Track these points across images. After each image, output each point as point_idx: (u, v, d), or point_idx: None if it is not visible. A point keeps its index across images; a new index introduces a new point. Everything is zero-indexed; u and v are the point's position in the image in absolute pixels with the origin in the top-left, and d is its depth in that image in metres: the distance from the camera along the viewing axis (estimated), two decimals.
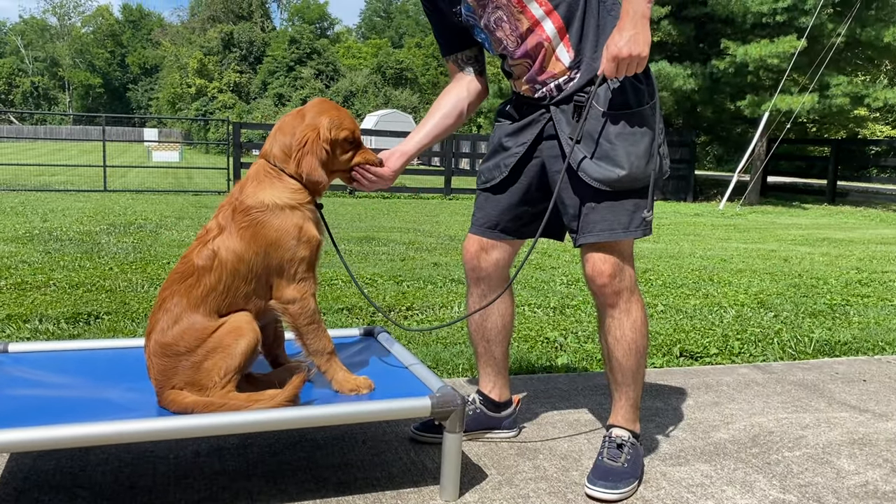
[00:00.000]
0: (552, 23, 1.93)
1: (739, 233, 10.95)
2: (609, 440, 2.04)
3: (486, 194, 2.17)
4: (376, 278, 5.18)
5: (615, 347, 2.02)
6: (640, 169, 1.91)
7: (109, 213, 10.02)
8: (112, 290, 4.42)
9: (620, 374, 2.04)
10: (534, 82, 2.01)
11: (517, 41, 1.99)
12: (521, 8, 1.93)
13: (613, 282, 1.97)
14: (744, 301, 4.81)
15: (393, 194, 16.08)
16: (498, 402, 2.28)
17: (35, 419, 1.62)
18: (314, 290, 1.88)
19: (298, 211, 1.84)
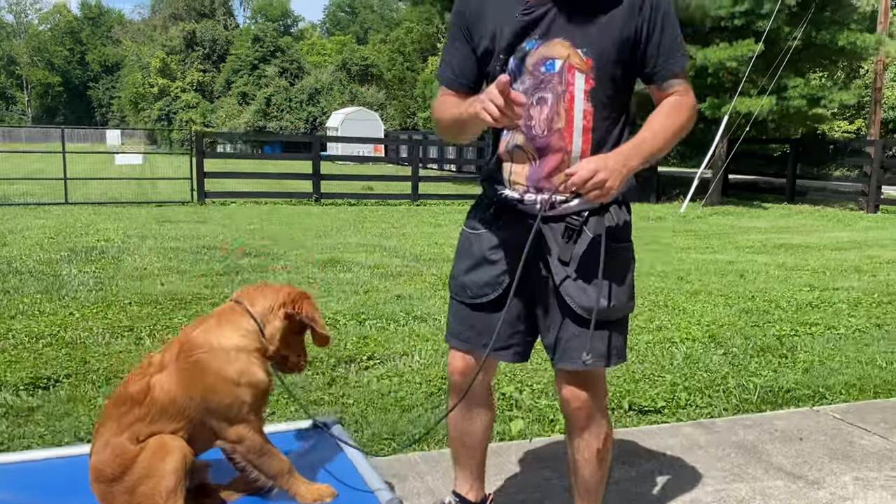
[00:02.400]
0: (582, 141, 1.90)
1: (700, 240, 11.17)
2: None
3: (471, 310, 2.09)
4: (339, 317, 5.24)
5: (584, 466, 2.07)
6: (622, 302, 1.96)
7: (71, 234, 9.92)
8: (72, 344, 4.43)
9: (584, 490, 2.10)
10: (532, 182, 1.95)
11: (545, 130, 1.91)
12: (569, 107, 1.89)
13: (589, 406, 2.01)
14: (696, 335, 4.96)
15: (360, 201, 16.08)
16: (474, 503, 2.32)
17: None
18: (260, 426, 1.92)
19: (244, 354, 1.87)
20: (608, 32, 1.86)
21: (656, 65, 1.91)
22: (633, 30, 1.87)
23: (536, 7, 1.88)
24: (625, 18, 1.86)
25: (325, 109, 38.22)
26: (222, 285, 6.40)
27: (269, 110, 37.63)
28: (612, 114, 1.93)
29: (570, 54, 1.87)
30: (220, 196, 15.53)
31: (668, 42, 1.91)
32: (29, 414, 3.29)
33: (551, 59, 1.88)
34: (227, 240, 9.61)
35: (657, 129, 1.88)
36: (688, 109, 1.93)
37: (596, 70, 1.87)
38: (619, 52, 1.88)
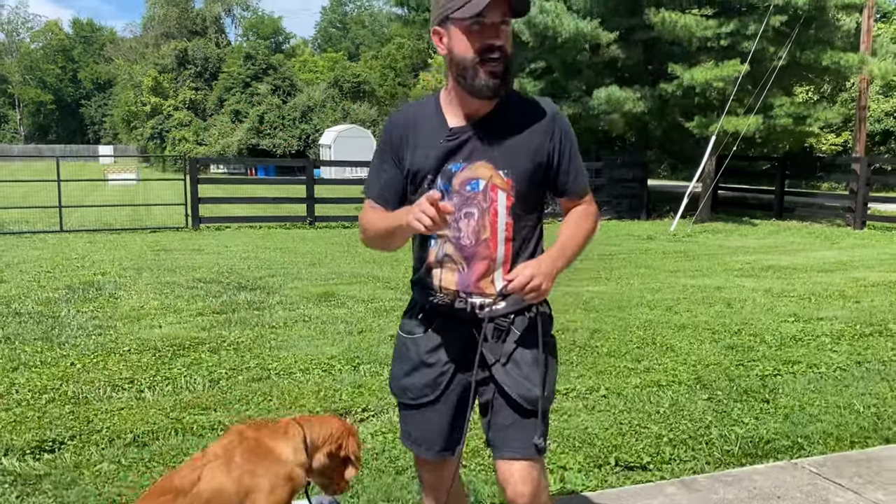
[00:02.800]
0: (504, 249, 2.11)
1: (689, 261, 11.34)
2: None
3: (417, 413, 2.24)
4: (333, 363, 5.37)
5: None
6: (550, 393, 2.15)
7: (67, 267, 10.03)
8: (75, 400, 4.54)
9: None
10: (462, 287, 2.11)
11: (473, 241, 2.10)
12: (493, 219, 2.10)
13: (537, 491, 2.11)
14: (682, 378, 5.10)
15: (353, 224, 16.21)
16: None
17: None
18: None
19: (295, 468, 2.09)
20: (525, 157, 2.11)
21: (567, 182, 2.19)
22: (545, 154, 2.13)
23: (459, 134, 2.10)
24: (539, 145, 2.12)
25: (318, 127, 38.39)
26: (219, 327, 6.51)
27: (261, 128, 37.77)
28: (528, 223, 2.17)
29: (493, 175, 2.09)
30: (214, 221, 15.65)
31: (577, 164, 2.20)
32: (37, 482, 3.41)
33: (475, 179, 2.10)
34: (222, 272, 9.72)
35: (575, 233, 2.15)
36: (594, 216, 2.22)
37: (515, 188, 2.10)
38: (535, 173, 2.13)
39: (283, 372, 5.19)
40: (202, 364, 5.33)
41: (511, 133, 2.11)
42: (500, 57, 2.00)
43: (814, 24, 15.79)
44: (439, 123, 2.13)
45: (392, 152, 2.18)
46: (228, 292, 8.19)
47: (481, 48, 1.99)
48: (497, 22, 1.98)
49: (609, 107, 16.38)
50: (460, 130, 2.10)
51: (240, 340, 6.04)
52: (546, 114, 2.15)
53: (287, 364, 5.36)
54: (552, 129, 2.14)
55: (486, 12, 1.95)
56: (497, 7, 1.95)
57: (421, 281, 2.22)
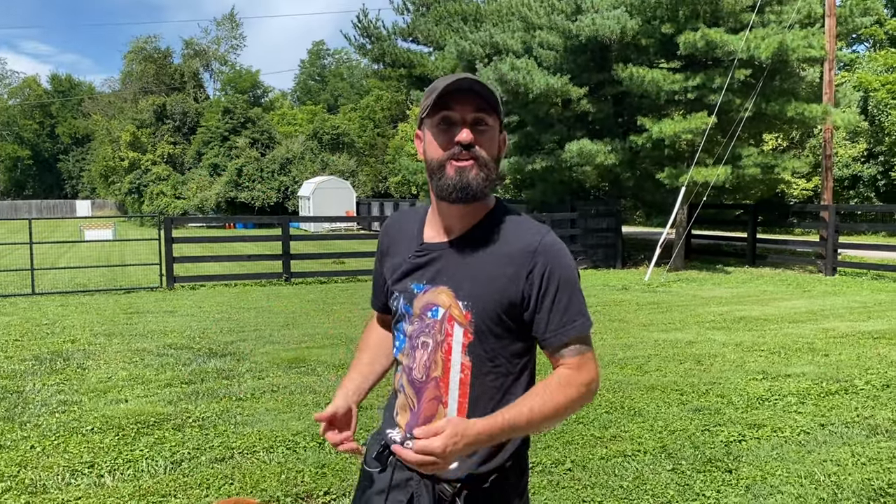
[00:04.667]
0: (458, 394, 1.83)
1: (662, 313, 11.43)
2: None
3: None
4: (298, 439, 5.32)
5: None
6: None
7: (37, 333, 9.92)
8: (32, 489, 4.46)
9: None
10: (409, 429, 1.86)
11: (424, 376, 1.88)
12: (447, 357, 1.84)
13: None
14: (647, 447, 5.11)
15: (330, 279, 16.22)
16: None
17: None
18: None
19: None
20: (490, 292, 1.81)
21: (546, 331, 1.82)
22: (518, 295, 1.81)
23: (429, 251, 1.89)
24: (509, 282, 1.81)
25: (297, 178, 38.54)
26: (186, 399, 6.45)
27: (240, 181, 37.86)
28: (497, 369, 1.84)
29: (451, 305, 1.83)
30: (189, 280, 15.58)
31: (562, 310, 1.80)
32: None
33: (435, 306, 1.85)
34: (194, 336, 9.64)
35: (532, 406, 1.75)
36: (577, 387, 1.79)
37: (475, 325, 1.81)
38: (501, 314, 1.82)
39: (246, 451, 5.14)
40: (165, 444, 5.27)
41: (482, 259, 1.83)
42: (471, 156, 1.79)
43: (777, 76, 16.23)
44: (416, 235, 1.94)
45: (379, 258, 2.05)
46: (198, 360, 8.13)
47: (448, 145, 1.80)
48: (467, 119, 1.79)
49: (581, 159, 16.65)
50: (431, 247, 1.89)
51: (205, 416, 5.98)
52: (527, 242, 1.82)
53: (251, 442, 5.31)
54: (531, 263, 1.80)
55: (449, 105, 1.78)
56: (461, 102, 1.78)
57: (388, 406, 2.04)
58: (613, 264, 18.60)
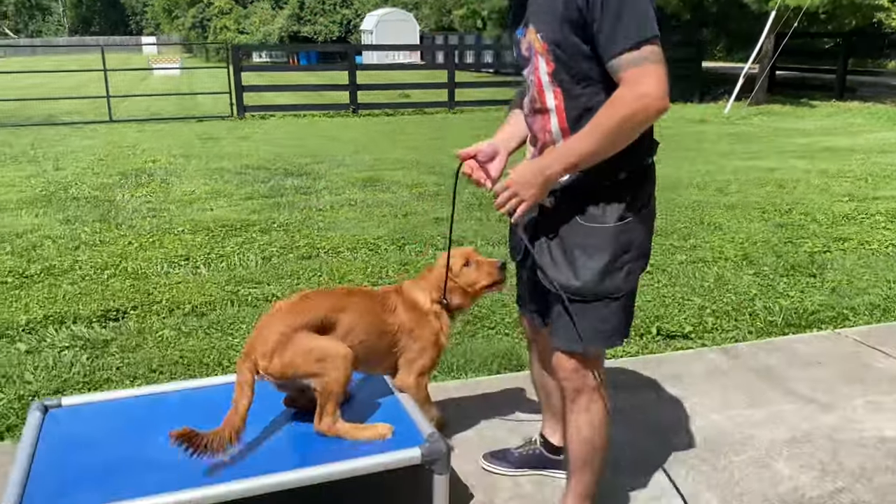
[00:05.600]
0: (557, 121, 1.91)
1: (742, 144, 11.04)
2: None
3: (518, 271, 2.29)
4: (379, 243, 5.47)
5: (571, 438, 2.09)
6: (593, 283, 1.92)
7: (119, 155, 10.24)
8: (135, 275, 4.75)
9: (573, 462, 2.12)
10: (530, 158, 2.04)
11: (529, 111, 2.01)
12: (539, 89, 1.92)
13: (575, 378, 2.02)
14: (729, 255, 5.08)
15: (397, 111, 16.08)
16: (557, 447, 2.44)
17: (98, 490, 1.97)
18: None
19: None
20: (553, 15, 1.81)
21: (598, 46, 1.78)
22: (575, 10, 1.77)
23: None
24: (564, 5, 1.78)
25: (359, 11, 37.40)
26: (268, 210, 6.65)
27: (302, 14, 36.98)
28: (586, 89, 1.85)
29: (534, 38, 1.88)
30: (259, 110, 15.67)
31: (611, 21, 1.73)
32: (104, 346, 3.63)
33: (529, 45, 1.92)
34: (269, 159, 9.82)
35: (587, 130, 1.80)
36: (622, 106, 1.75)
37: (552, 52, 1.85)
38: (567, 35, 1.81)
39: (331, 251, 5.32)
40: (254, 243, 5.49)
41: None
42: None
43: None
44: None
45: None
46: (276, 178, 8.30)
47: None
48: None
49: None
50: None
51: (289, 222, 6.17)
52: None
53: (335, 243, 5.48)
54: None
55: None
56: None
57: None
58: (691, 98, 17.80)
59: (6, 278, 4.68)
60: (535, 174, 1.85)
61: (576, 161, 1.81)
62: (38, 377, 3.25)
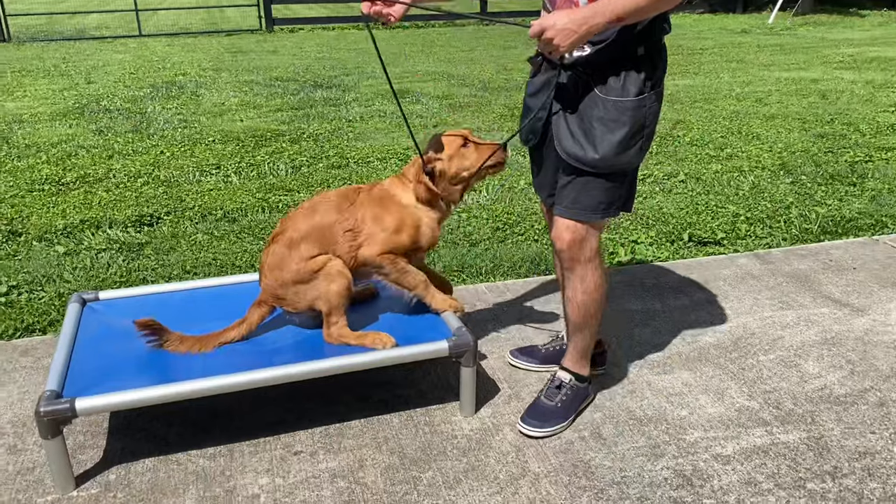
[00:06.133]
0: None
1: (785, 55, 10.63)
2: (551, 380, 2.28)
3: (532, 156, 2.26)
4: (410, 153, 5.43)
5: (567, 305, 2.20)
6: (611, 156, 1.94)
7: (149, 69, 10.21)
8: (167, 183, 4.79)
9: (571, 326, 2.24)
10: None
11: None
12: None
13: (572, 250, 2.07)
14: (766, 163, 4.96)
15: (428, 23, 15.73)
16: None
17: (134, 375, 2.04)
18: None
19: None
20: None
21: None
22: None
23: None
24: None
25: None
26: (298, 121, 6.62)
27: None
28: None
29: None
30: (287, 23, 15.45)
31: None
32: (139, 249, 3.70)
33: None
34: (298, 71, 9.71)
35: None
36: None
37: None
38: None
39: (360, 160, 5.30)
40: (284, 153, 5.48)
41: None
42: None
43: None
44: None
45: None
46: (305, 90, 8.23)
47: None
48: None
49: None
50: None
51: (318, 133, 6.15)
52: None
53: (364, 153, 5.45)
54: None
55: None
56: None
57: None
58: (733, 8, 17.15)
59: (43, 186, 4.76)
60: (576, 23, 1.75)
61: (621, 14, 1.75)
62: (76, 277, 3.33)
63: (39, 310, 3.01)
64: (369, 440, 2.16)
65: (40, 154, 5.52)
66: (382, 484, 1.98)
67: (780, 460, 2.05)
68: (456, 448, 2.13)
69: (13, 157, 5.48)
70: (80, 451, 2.12)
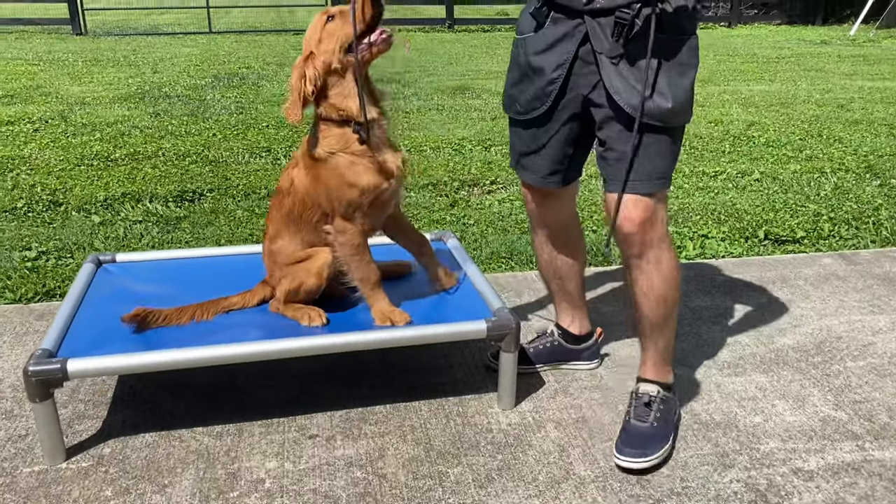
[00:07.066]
0: None
1: (868, 65, 10.04)
2: (636, 397, 1.90)
3: (526, 130, 1.89)
4: (464, 143, 5.20)
5: (643, 301, 1.84)
6: (684, 104, 1.69)
7: (214, 61, 10.26)
8: (215, 162, 4.67)
9: (648, 327, 1.87)
10: None
11: None
12: None
13: (643, 230, 1.74)
14: (850, 166, 4.55)
15: (494, 27, 15.53)
16: (577, 335, 2.19)
17: (138, 340, 1.85)
18: (363, 228, 1.95)
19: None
20: None
21: None
22: None
23: None
24: None
25: None
26: None
27: None
28: None
29: None
30: None
31: None
32: (177, 222, 3.56)
33: None
34: None
35: None
36: None
37: None
38: None
39: (413, 149, 5.10)
40: None
41: None
42: None
43: None
44: None
45: None
46: None
47: None
48: None
49: None
50: None
51: None
52: None
53: (418, 142, 5.25)
54: None
55: None
56: None
57: None
58: (813, 20, 16.42)
59: (92, 161, 4.69)
60: None
61: None
62: (107, 245, 3.20)
63: (63, 275, 2.88)
64: (393, 428, 1.93)
65: (95, 132, 5.49)
66: (403, 477, 1.73)
67: (874, 480, 1.72)
68: (490, 443, 1.87)
69: (69, 133, 5.46)
70: (78, 421, 1.94)
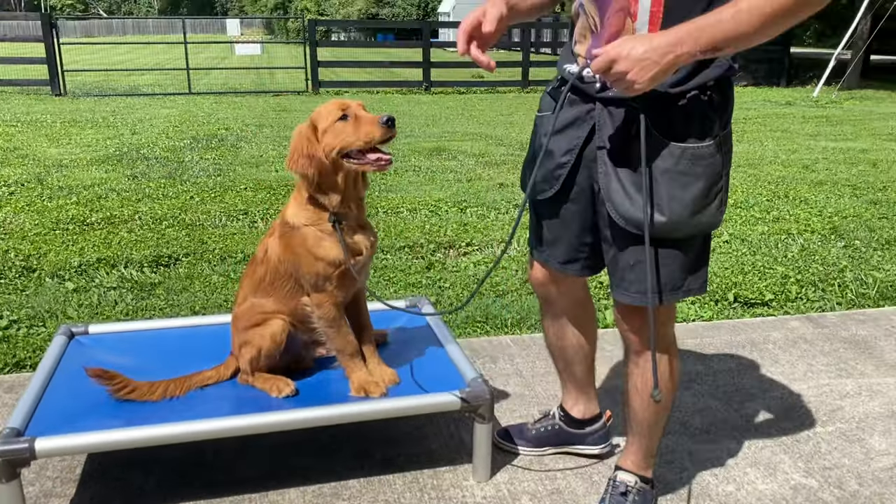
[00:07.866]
0: (650, 4, 1.49)
1: (831, 126, 10.37)
2: (613, 485, 1.87)
3: (535, 210, 1.86)
4: (440, 205, 5.27)
5: (634, 396, 1.80)
6: (682, 218, 1.57)
7: (193, 122, 10.35)
8: (191, 226, 4.68)
9: (636, 424, 1.83)
10: (589, 53, 1.59)
11: None
12: None
13: (641, 333, 1.71)
14: (815, 227, 4.67)
15: (469, 89, 15.86)
16: (580, 420, 2.12)
17: (109, 417, 1.84)
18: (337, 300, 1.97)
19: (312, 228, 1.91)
20: None
21: None
22: None
23: None
24: None
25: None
26: None
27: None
28: None
29: None
30: (333, 85, 15.70)
31: None
32: (151, 289, 3.55)
33: None
34: None
35: (744, 7, 1.37)
36: None
37: None
38: None
39: (390, 210, 5.15)
40: None
41: None
42: None
43: None
44: None
45: None
46: None
47: None
48: None
49: None
50: None
51: None
52: None
53: (394, 204, 5.31)
54: None
55: None
56: None
57: (567, 47, 1.72)
58: (777, 82, 16.98)
59: (68, 225, 4.68)
60: (659, 51, 1.37)
61: (720, 43, 1.39)
62: (80, 313, 3.18)
63: (35, 345, 2.85)
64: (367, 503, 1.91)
65: (71, 196, 5.49)
66: None
67: None
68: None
69: (45, 197, 5.45)
70: (45, 500, 1.91)
